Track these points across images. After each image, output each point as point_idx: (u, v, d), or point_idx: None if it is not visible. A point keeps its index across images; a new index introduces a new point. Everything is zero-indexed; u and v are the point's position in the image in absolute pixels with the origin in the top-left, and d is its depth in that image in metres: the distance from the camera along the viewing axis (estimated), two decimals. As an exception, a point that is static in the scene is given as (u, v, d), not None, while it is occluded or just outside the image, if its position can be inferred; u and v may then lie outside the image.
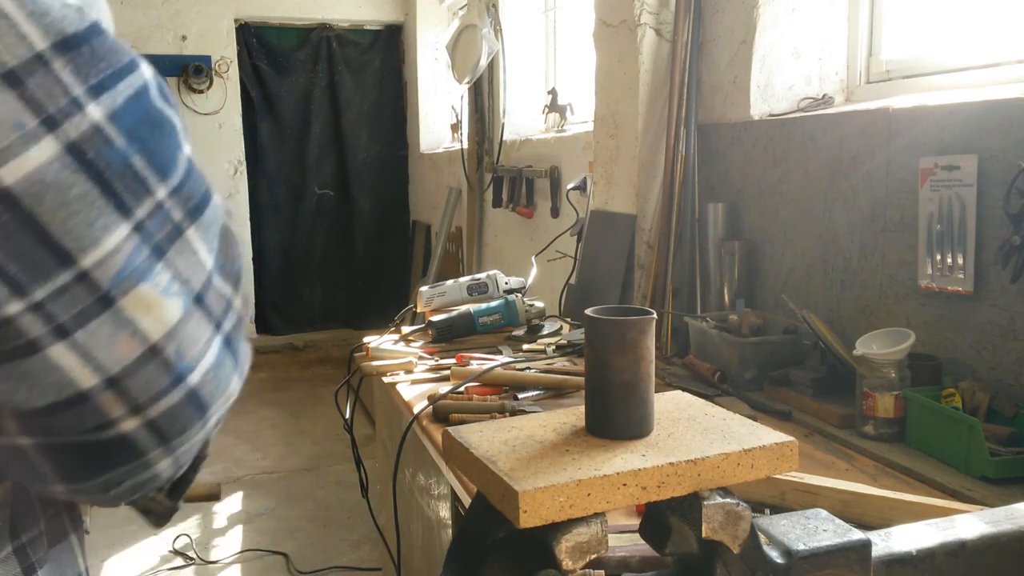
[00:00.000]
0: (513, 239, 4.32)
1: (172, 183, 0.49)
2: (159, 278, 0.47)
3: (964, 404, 1.46)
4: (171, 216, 0.48)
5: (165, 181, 0.48)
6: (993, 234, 1.52)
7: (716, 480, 0.70)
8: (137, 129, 0.47)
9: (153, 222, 0.47)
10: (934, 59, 1.97)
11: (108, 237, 0.45)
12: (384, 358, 2.09)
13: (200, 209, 0.51)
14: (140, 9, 5.83)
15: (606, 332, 0.74)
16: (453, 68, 4.64)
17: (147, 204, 0.47)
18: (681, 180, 2.40)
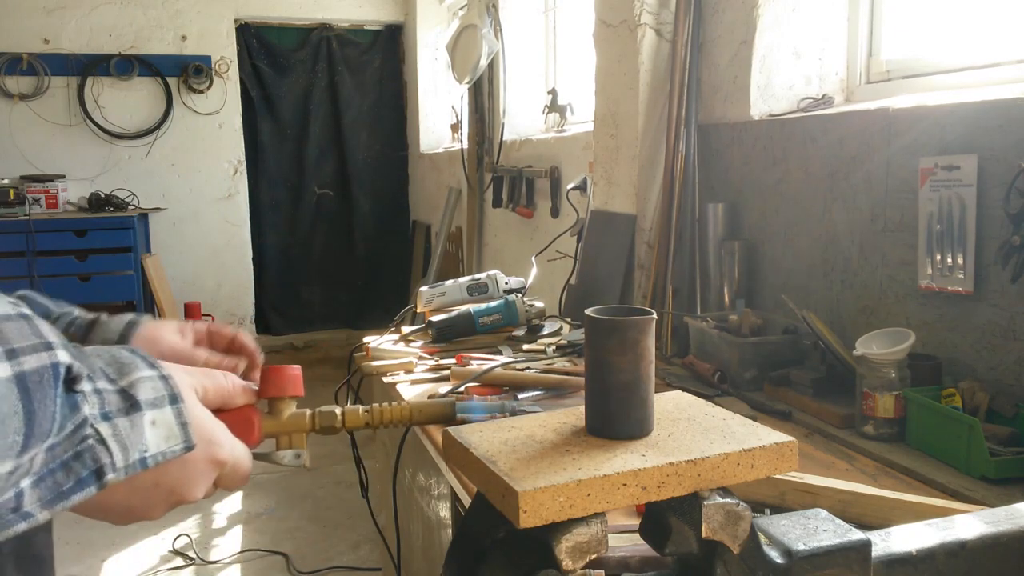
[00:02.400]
0: (513, 239, 4.32)
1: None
2: None
3: (964, 404, 1.45)
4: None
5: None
6: (993, 234, 1.52)
7: (716, 480, 0.70)
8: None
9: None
10: (934, 59, 1.97)
11: None
12: (384, 358, 2.09)
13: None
14: (140, 9, 5.83)
15: (606, 332, 0.74)
16: (453, 68, 4.64)
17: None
18: (681, 180, 2.40)
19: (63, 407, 0.53)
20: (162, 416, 0.60)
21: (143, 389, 0.60)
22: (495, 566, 0.71)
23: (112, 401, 0.57)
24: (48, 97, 5.67)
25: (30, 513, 0.53)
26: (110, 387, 0.58)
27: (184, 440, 0.62)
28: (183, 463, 0.63)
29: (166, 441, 0.61)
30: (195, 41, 5.97)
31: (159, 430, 0.60)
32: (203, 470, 0.66)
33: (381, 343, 2.23)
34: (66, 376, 0.54)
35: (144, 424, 0.59)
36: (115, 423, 0.57)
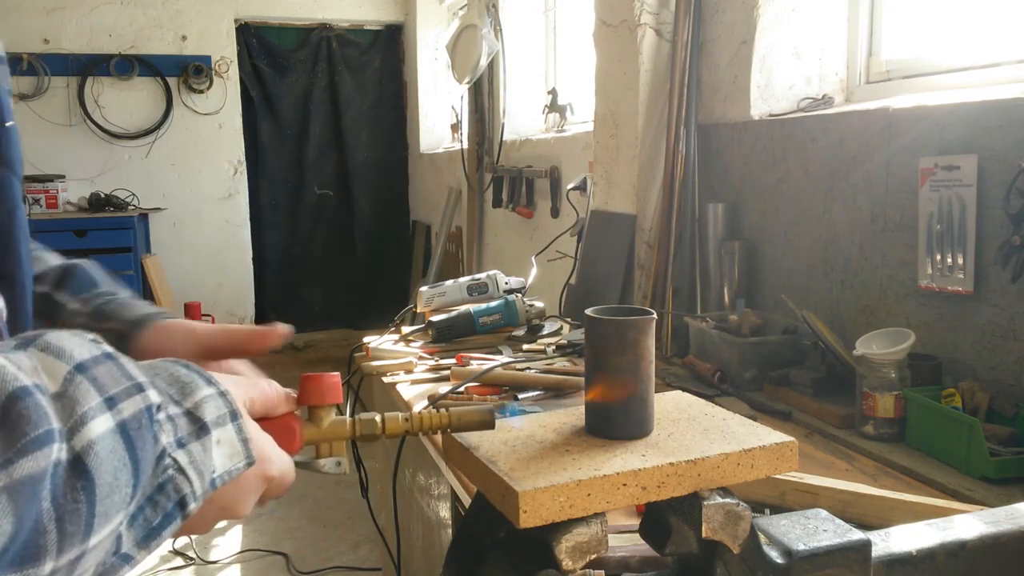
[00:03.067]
0: (513, 239, 4.32)
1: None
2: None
3: (964, 404, 1.45)
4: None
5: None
6: (993, 234, 1.52)
7: (716, 480, 0.70)
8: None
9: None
10: (934, 59, 1.97)
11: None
12: (384, 358, 2.09)
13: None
14: (140, 9, 5.83)
15: (606, 332, 0.74)
16: (453, 68, 4.64)
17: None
18: (681, 180, 2.40)
19: (155, 442, 0.52)
20: (225, 435, 0.59)
21: (207, 409, 0.58)
22: (495, 566, 0.71)
23: (183, 426, 0.56)
24: (48, 97, 5.67)
25: (129, 555, 0.52)
26: (178, 410, 0.56)
27: (246, 457, 0.61)
28: (236, 480, 0.62)
29: (230, 460, 0.59)
30: (195, 41, 5.97)
31: (224, 449, 0.59)
32: (254, 486, 0.65)
33: (381, 343, 2.23)
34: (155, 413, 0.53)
35: (211, 445, 0.57)
36: (189, 449, 0.55)
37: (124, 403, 0.50)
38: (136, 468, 0.49)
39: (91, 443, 0.46)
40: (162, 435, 0.53)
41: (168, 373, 0.58)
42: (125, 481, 0.49)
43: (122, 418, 0.49)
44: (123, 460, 0.48)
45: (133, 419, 0.50)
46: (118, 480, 0.48)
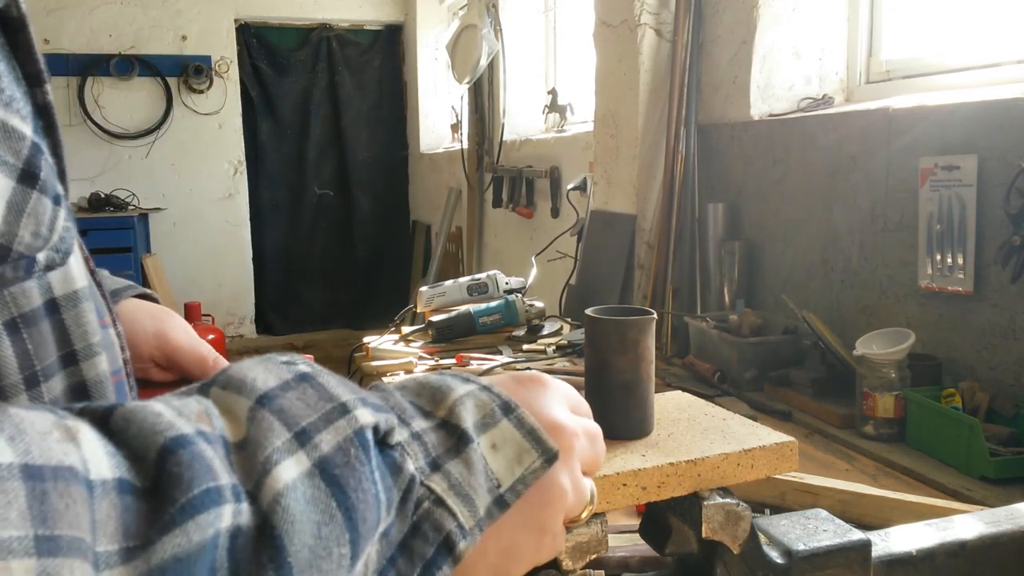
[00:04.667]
0: (513, 239, 4.32)
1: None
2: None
3: (964, 404, 1.46)
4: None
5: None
6: (993, 234, 1.52)
7: (716, 480, 0.70)
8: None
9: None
10: (934, 59, 1.97)
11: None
12: (384, 358, 2.09)
13: None
14: (140, 9, 5.83)
15: (606, 332, 0.74)
16: (453, 68, 4.64)
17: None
18: (681, 180, 2.40)
19: (384, 477, 0.40)
20: (501, 435, 0.47)
21: (465, 411, 0.46)
22: (495, 566, 0.71)
23: (436, 441, 0.45)
24: (48, 97, 5.66)
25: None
26: (428, 424, 0.45)
27: (542, 452, 0.48)
28: (538, 487, 0.48)
29: (519, 463, 0.47)
30: (195, 41, 5.97)
31: (505, 452, 0.46)
32: (565, 486, 0.50)
33: (381, 343, 2.23)
34: (375, 437, 0.41)
35: (479, 456, 0.45)
36: (447, 470, 0.44)
37: (322, 434, 0.38)
38: (350, 519, 0.37)
39: (277, 497, 0.35)
40: (408, 461, 0.42)
41: (417, 383, 0.48)
42: (336, 539, 0.36)
43: (321, 454, 0.38)
44: (328, 511, 0.37)
45: (337, 452, 0.38)
46: (324, 540, 0.36)
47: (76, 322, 0.45)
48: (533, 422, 0.48)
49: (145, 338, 0.83)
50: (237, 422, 0.38)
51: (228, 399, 0.39)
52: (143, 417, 0.34)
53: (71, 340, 0.45)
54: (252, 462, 0.36)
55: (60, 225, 0.42)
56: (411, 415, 0.45)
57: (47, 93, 0.43)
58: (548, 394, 0.52)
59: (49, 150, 0.43)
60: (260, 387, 0.39)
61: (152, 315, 0.85)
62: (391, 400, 0.46)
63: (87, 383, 0.46)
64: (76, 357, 0.46)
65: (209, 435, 0.36)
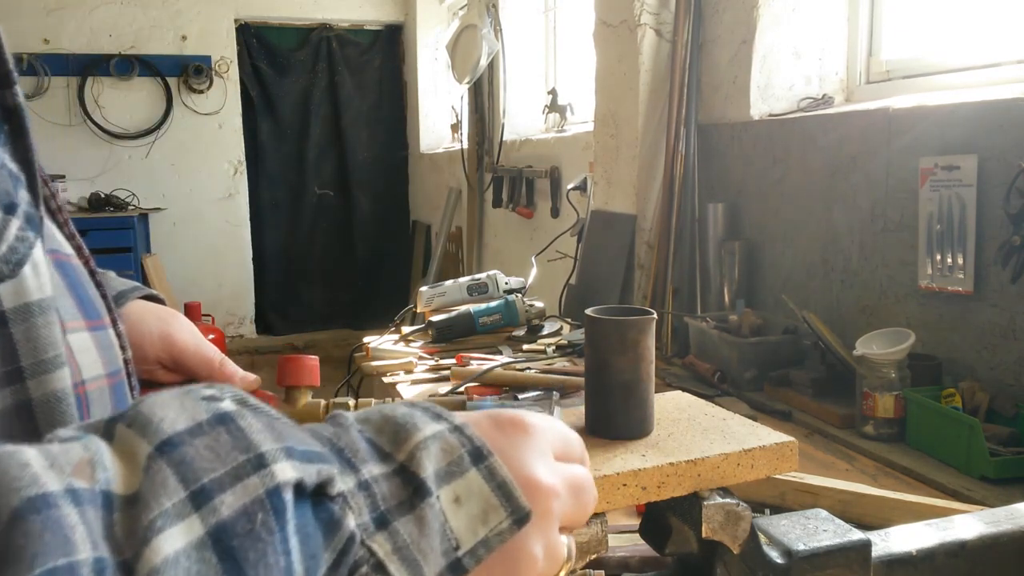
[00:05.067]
0: (513, 239, 4.32)
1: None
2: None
3: (964, 404, 1.45)
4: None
5: None
6: (993, 234, 1.52)
7: (716, 480, 0.70)
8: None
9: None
10: (934, 59, 1.97)
11: None
12: (384, 358, 2.09)
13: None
14: (140, 9, 5.83)
15: (606, 332, 0.74)
16: (453, 68, 4.64)
17: None
18: (681, 180, 2.40)
19: (307, 541, 0.34)
20: (466, 486, 0.41)
21: (428, 457, 0.40)
22: (495, 566, 0.71)
23: (388, 492, 0.39)
24: (48, 97, 5.66)
25: None
26: (382, 469, 0.39)
27: (511, 511, 0.41)
28: (505, 550, 0.42)
29: (483, 522, 0.40)
30: (195, 41, 5.96)
31: (469, 507, 0.40)
32: (536, 548, 0.44)
33: (381, 343, 2.23)
34: (298, 493, 0.35)
35: (439, 511, 0.39)
36: (395, 528, 0.38)
37: (226, 494, 0.33)
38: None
39: (153, 573, 0.30)
40: (349, 515, 0.36)
41: (382, 416, 0.42)
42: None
43: (218, 519, 0.32)
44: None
45: (240, 517, 0.32)
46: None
47: (26, 336, 0.42)
48: (505, 475, 0.41)
49: (151, 340, 0.82)
50: (134, 470, 0.32)
51: (131, 441, 0.33)
52: (5, 468, 0.29)
53: (18, 355, 0.42)
54: (135, 526, 0.31)
55: (11, 235, 0.39)
56: (363, 458, 0.39)
57: (16, 95, 0.41)
58: (530, 443, 0.45)
59: (12, 156, 0.41)
60: (166, 429, 0.33)
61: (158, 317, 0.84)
62: (343, 439, 0.40)
63: (32, 402, 0.42)
64: (22, 374, 0.42)
65: (81, 493, 0.30)
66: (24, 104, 0.42)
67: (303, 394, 0.86)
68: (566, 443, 0.48)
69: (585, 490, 0.47)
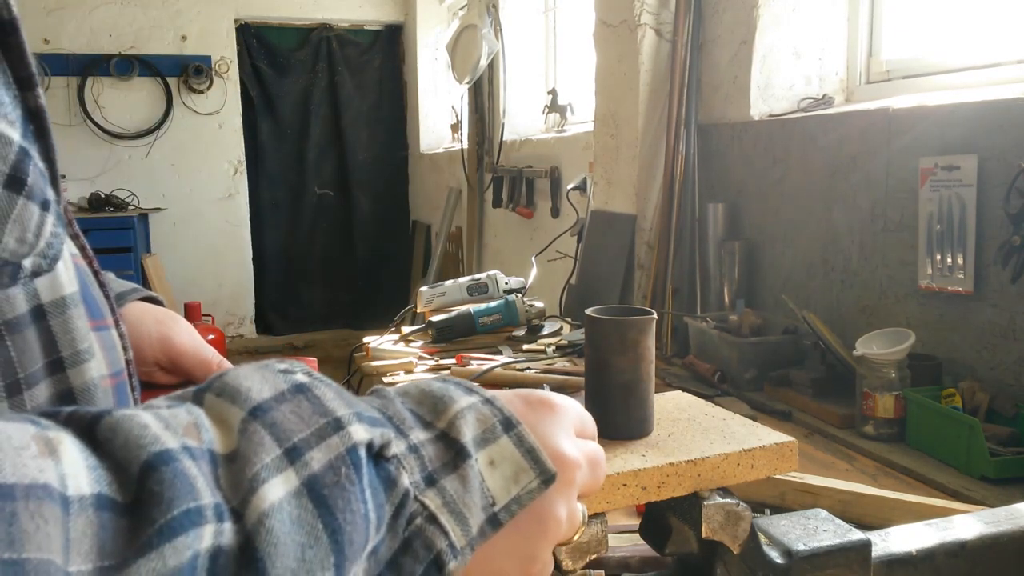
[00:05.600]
0: (513, 239, 4.32)
1: None
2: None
3: (964, 404, 1.45)
4: None
5: None
6: (993, 234, 1.52)
7: (716, 480, 0.70)
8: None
9: None
10: (934, 59, 1.97)
11: None
12: (384, 358, 2.09)
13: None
14: (140, 9, 5.83)
15: (606, 332, 0.74)
16: (453, 68, 4.64)
17: None
18: (681, 180, 2.40)
19: (376, 494, 0.39)
20: (500, 451, 0.46)
21: (465, 425, 0.45)
22: (495, 566, 0.71)
23: (434, 455, 0.43)
24: (48, 97, 5.63)
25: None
26: (427, 435, 0.44)
27: (539, 473, 0.46)
28: (534, 507, 0.47)
29: (515, 482, 0.45)
30: (195, 41, 5.96)
31: (503, 470, 0.45)
32: (559, 507, 0.49)
33: (381, 343, 2.23)
34: (368, 452, 0.40)
35: (476, 472, 0.44)
36: (442, 486, 0.43)
37: (314, 451, 0.37)
38: (336, 542, 0.36)
39: (262, 517, 0.34)
40: (403, 475, 0.41)
41: (419, 391, 0.47)
42: (320, 562, 0.35)
43: (310, 472, 0.37)
44: (313, 534, 0.36)
45: (327, 471, 0.37)
46: (308, 563, 0.35)
47: (63, 328, 0.44)
48: (533, 441, 0.47)
49: (149, 342, 0.83)
50: (229, 433, 0.37)
51: (222, 407, 0.38)
52: (129, 428, 0.33)
53: (58, 347, 0.44)
54: (240, 478, 0.35)
55: (48, 231, 0.41)
56: (410, 425, 0.44)
57: (39, 97, 0.43)
58: (555, 419, 0.51)
59: (40, 155, 0.42)
60: (254, 398, 0.38)
61: (157, 319, 0.85)
62: (390, 408, 0.45)
63: (74, 390, 0.45)
64: (63, 364, 0.45)
65: (195, 450, 0.35)
66: (46, 105, 0.43)
67: None
68: (583, 422, 0.54)
69: (600, 464, 0.53)
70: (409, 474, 0.42)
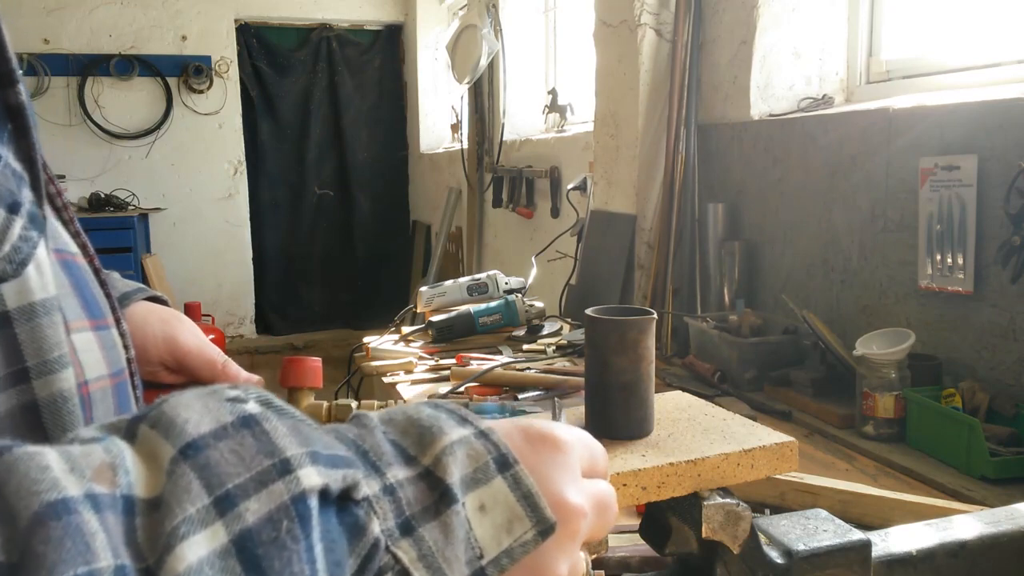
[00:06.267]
0: (513, 239, 4.32)
1: None
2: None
3: (964, 404, 1.45)
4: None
5: None
6: (993, 234, 1.52)
7: (716, 480, 0.70)
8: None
9: None
10: (934, 59, 1.97)
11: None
12: (384, 358, 2.09)
13: None
14: (140, 9, 5.83)
15: (606, 332, 0.74)
16: (453, 68, 4.64)
17: None
18: (681, 180, 2.40)
19: (331, 549, 0.34)
20: (491, 494, 0.40)
21: (454, 462, 0.39)
22: (495, 566, 0.70)
23: (413, 497, 0.38)
24: (48, 97, 5.66)
25: None
26: (408, 472, 0.39)
27: (536, 521, 0.41)
28: (529, 561, 0.41)
29: (508, 532, 0.40)
30: (195, 41, 5.97)
31: (494, 517, 0.40)
32: (561, 553, 0.43)
33: (381, 343, 2.23)
34: (323, 499, 0.34)
35: (464, 519, 0.39)
36: (420, 535, 0.37)
37: (250, 500, 0.32)
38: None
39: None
40: (373, 521, 0.36)
41: (406, 418, 0.41)
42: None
43: (243, 526, 0.31)
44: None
45: (265, 524, 0.32)
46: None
47: (30, 336, 0.41)
48: (531, 485, 0.41)
49: (154, 342, 0.82)
50: (157, 474, 0.32)
51: (153, 442, 0.33)
52: (26, 470, 0.29)
53: (23, 356, 0.41)
54: (158, 531, 0.30)
55: (15, 235, 0.39)
56: (388, 461, 0.38)
57: (20, 94, 0.41)
58: (560, 459, 0.44)
59: (16, 155, 0.40)
60: (190, 432, 0.33)
61: (162, 318, 0.84)
62: (368, 440, 0.39)
63: (39, 402, 0.42)
64: (28, 374, 0.42)
65: (101, 498, 0.30)
66: (28, 103, 0.42)
67: (306, 395, 0.87)
68: (592, 458, 0.49)
69: (609, 507, 0.47)
70: (381, 520, 0.36)
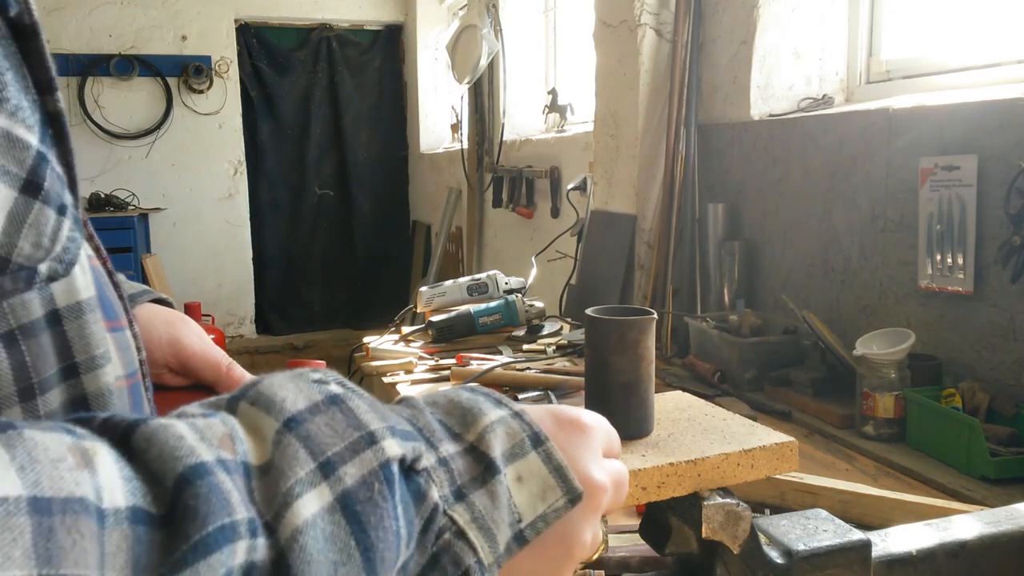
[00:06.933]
0: (513, 239, 4.32)
1: None
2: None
3: (964, 404, 1.45)
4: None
5: None
6: (993, 234, 1.52)
7: (716, 480, 0.70)
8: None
9: None
10: (934, 59, 1.97)
11: None
12: (384, 358, 2.09)
13: None
14: (140, 9, 5.83)
15: (606, 332, 0.74)
16: (453, 68, 4.64)
17: None
18: (681, 180, 2.40)
19: (407, 509, 0.39)
20: (528, 467, 0.46)
21: (494, 439, 0.45)
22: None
23: (463, 468, 0.43)
24: (48, 97, 5.66)
25: None
26: (456, 448, 0.44)
27: (566, 491, 0.46)
28: (558, 526, 0.47)
29: (542, 499, 0.46)
30: (195, 41, 5.96)
31: (530, 486, 0.45)
32: (584, 524, 0.49)
33: (381, 343, 2.23)
34: (400, 467, 0.40)
35: (506, 487, 0.44)
36: (471, 501, 0.42)
37: (347, 466, 0.37)
38: (368, 559, 0.36)
39: (295, 534, 0.34)
40: (432, 488, 0.41)
41: (448, 401, 0.47)
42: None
43: (344, 488, 0.37)
44: (346, 551, 0.35)
45: (360, 487, 0.37)
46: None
47: (79, 334, 0.44)
48: (561, 459, 0.47)
49: (159, 344, 0.83)
50: (263, 444, 0.37)
51: (256, 417, 0.38)
52: (164, 439, 0.33)
53: (72, 352, 0.44)
54: (274, 491, 0.35)
55: (64, 236, 0.41)
56: (440, 438, 0.44)
57: (58, 101, 0.43)
58: (585, 440, 0.50)
59: (58, 159, 0.42)
60: (289, 408, 0.38)
61: (166, 321, 0.85)
62: (420, 419, 0.44)
63: (88, 396, 0.45)
64: (77, 369, 0.45)
65: (229, 463, 0.35)
66: (64, 109, 0.43)
67: None
68: (610, 441, 0.55)
69: (624, 484, 0.54)
70: (439, 488, 0.41)
